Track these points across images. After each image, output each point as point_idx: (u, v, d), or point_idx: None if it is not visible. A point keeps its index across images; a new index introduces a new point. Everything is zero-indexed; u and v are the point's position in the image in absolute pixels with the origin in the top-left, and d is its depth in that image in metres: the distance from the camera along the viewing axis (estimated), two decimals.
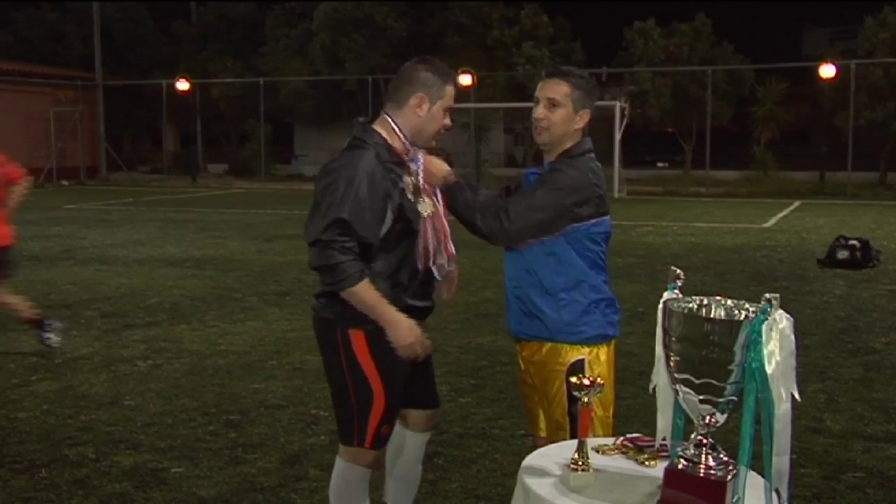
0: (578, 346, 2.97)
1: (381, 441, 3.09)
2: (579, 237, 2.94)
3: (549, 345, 3.00)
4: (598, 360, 2.98)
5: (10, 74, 28.60)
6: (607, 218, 3.02)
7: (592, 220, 2.94)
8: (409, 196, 2.92)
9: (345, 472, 3.11)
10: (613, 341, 3.06)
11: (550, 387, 3.02)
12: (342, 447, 3.13)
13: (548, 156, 3.06)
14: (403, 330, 2.93)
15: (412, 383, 3.10)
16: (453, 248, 3.07)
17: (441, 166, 3.05)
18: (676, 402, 2.11)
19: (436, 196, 3.01)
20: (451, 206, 3.00)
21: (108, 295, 9.16)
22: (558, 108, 2.98)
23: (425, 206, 2.96)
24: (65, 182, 28.59)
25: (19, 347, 6.97)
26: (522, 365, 3.13)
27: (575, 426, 2.89)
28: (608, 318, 3.01)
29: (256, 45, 32.57)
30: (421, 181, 2.98)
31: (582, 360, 2.96)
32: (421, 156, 3.03)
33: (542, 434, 3.12)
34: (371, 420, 3.03)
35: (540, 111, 3.01)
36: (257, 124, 30.71)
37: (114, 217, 17.77)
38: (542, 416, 3.11)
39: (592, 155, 3.04)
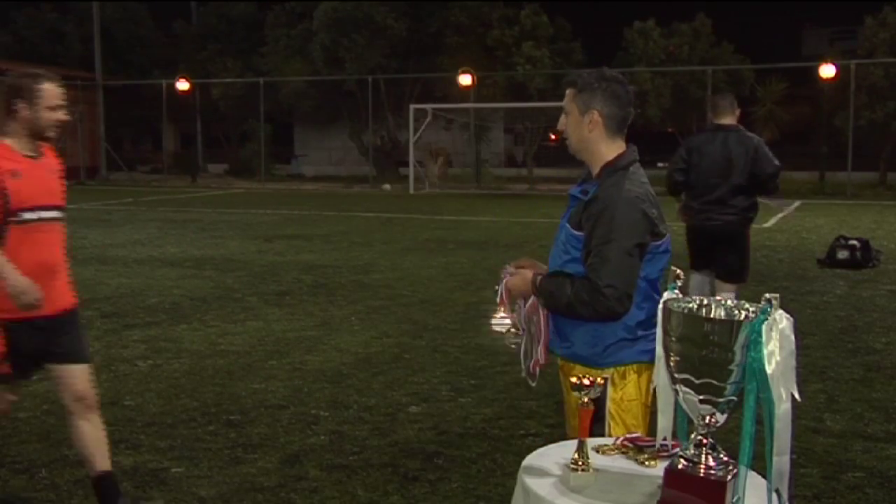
0: (605, 369, 2.83)
1: None
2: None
3: (573, 364, 2.90)
4: (623, 382, 2.83)
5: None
6: (666, 240, 2.84)
7: (655, 243, 2.80)
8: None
9: None
10: (648, 367, 2.77)
11: (573, 400, 2.93)
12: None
13: (588, 165, 2.92)
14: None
15: None
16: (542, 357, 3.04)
17: (524, 277, 2.92)
18: (678, 402, 2.11)
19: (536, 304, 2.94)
20: (549, 305, 2.87)
21: (108, 295, 9.16)
22: (568, 116, 2.90)
23: (502, 325, 3.07)
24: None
25: None
26: (560, 375, 3.03)
27: None
28: (641, 348, 2.82)
29: (256, 45, 32.57)
30: (503, 309, 2.99)
31: (605, 379, 2.74)
32: (505, 276, 2.97)
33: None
34: None
35: (560, 122, 2.94)
36: (257, 124, 30.73)
37: (114, 217, 17.77)
38: (573, 427, 3.02)
39: (635, 167, 2.87)
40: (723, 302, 2.06)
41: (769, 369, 1.89)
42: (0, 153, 3.64)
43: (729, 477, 1.96)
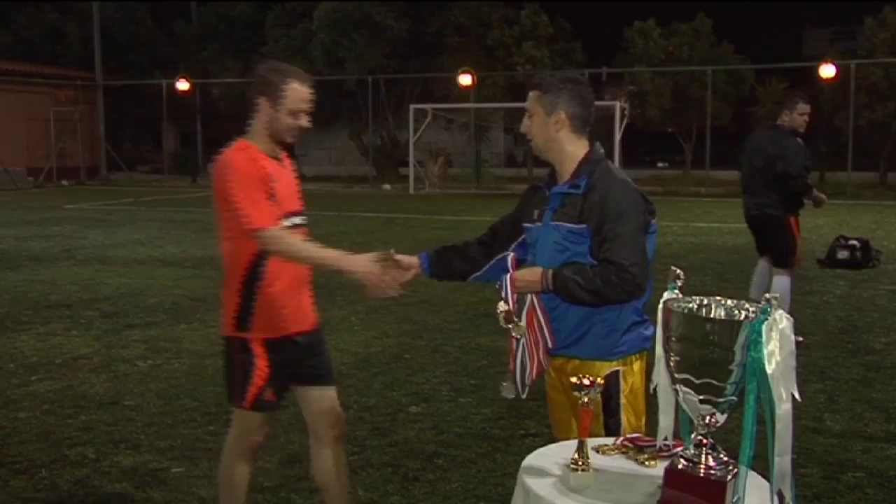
0: (611, 361, 2.86)
1: None
2: None
3: (577, 361, 2.89)
4: (631, 371, 2.87)
5: (10, 74, 28.58)
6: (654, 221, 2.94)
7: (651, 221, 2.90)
8: (502, 322, 2.84)
9: None
10: (645, 353, 2.92)
11: (565, 401, 2.92)
12: None
13: (555, 164, 2.96)
14: None
15: None
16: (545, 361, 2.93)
17: (533, 274, 2.86)
18: (678, 402, 2.11)
19: (534, 306, 2.87)
20: (572, 297, 2.82)
21: (108, 295, 9.16)
22: (531, 118, 2.95)
23: (518, 330, 2.87)
24: (65, 182, 28.59)
25: (19, 347, 6.97)
26: (554, 374, 3.01)
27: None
28: (643, 335, 2.91)
29: (256, 45, 32.53)
30: (511, 305, 2.82)
31: (616, 372, 2.85)
32: (508, 277, 2.86)
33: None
34: None
35: (522, 124, 3.00)
36: None
37: (114, 217, 17.77)
38: (574, 426, 2.99)
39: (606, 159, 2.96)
40: (723, 302, 2.06)
41: (769, 369, 1.90)
42: (254, 156, 3.25)
43: (729, 477, 1.96)
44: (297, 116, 3.27)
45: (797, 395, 1.95)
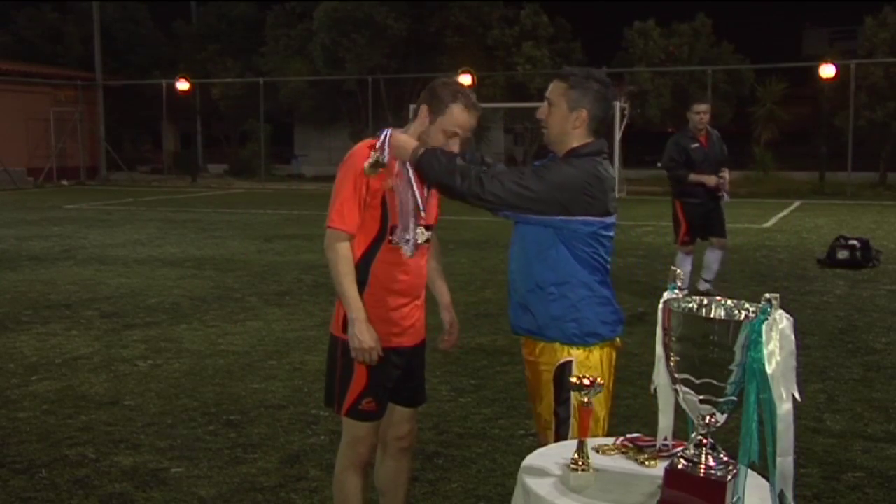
0: (569, 347, 2.95)
1: None
2: (569, 236, 2.91)
3: (542, 344, 3.00)
4: (587, 363, 2.94)
5: (10, 74, 28.58)
6: (601, 220, 2.93)
7: (580, 218, 2.88)
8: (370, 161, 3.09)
9: None
10: (609, 343, 3.00)
11: (539, 385, 3.03)
12: None
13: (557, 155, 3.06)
14: None
15: None
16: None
17: (408, 143, 3.03)
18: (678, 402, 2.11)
19: (407, 173, 3.08)
20: (427, 176, 2.98)
21: (108, 295, 9.16)
22: (552, 108, 2.99)
23: (371, 170, 3.09)
24: (65, 182, 28.58)
25: (19, 347, 6.97)
26: (524, 362, 3.15)
27: (560, 426, 2.94)
28: (601, 318, 2.96)
29: (256, 45, 32.54)
30: (386, 157, 3.04)
31: (570, 362, 2.94)
32: (390, 131, 3.10)
33: (534, 431, 3.12)
34: None
35: (540, 110, 3.04)
36: (257, 124, 30.70)
37: (114, 217, 17.76)
38: (535, 414, 3.13)
39: (602, 157, 2.98)
40: (723, 302, 2.06)
41: (769, 369, 1.90)
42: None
43: (729, 477, 1.96)
44: (450, 138, 3.17)
45: (797, 396, 1.95)
